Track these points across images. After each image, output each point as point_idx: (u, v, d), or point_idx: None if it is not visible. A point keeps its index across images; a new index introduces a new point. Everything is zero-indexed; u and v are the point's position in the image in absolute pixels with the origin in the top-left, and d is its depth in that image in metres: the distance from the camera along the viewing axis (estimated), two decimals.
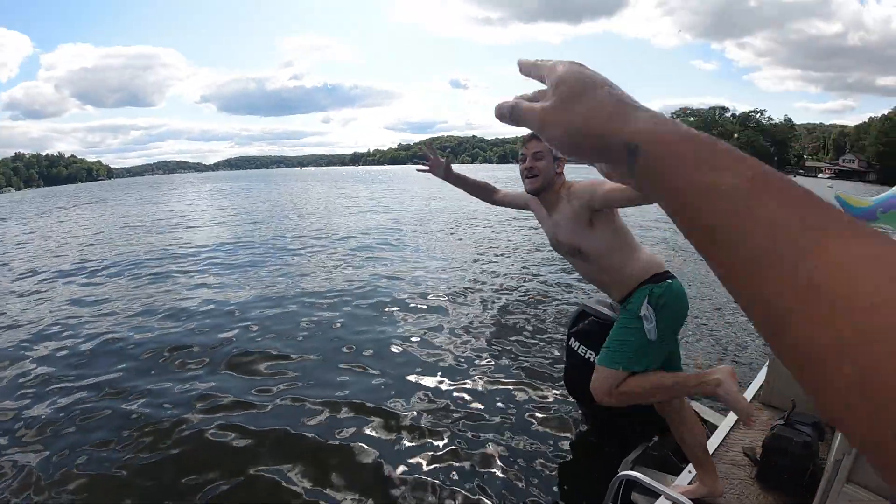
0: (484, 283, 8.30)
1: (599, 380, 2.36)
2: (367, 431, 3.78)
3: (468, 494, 3.03)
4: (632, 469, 2.58)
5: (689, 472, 2.59)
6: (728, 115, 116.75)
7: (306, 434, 3.76)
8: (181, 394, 4.48)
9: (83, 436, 3.85)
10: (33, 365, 5.29)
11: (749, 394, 3.40)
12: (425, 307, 6.87)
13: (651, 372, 2.32)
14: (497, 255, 10.67)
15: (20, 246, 15.28)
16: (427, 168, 2.88)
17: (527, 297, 7.37)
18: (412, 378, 4.67)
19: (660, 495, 2.30)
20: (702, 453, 2.46)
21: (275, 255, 11.33)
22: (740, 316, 6.41)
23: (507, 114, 0.47)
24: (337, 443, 3.65)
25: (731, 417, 3.12)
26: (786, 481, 2.52)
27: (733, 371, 2.30)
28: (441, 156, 2.90)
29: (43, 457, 3.59)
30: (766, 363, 3.61)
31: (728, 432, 2.98)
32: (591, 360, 3.04)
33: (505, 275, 8.81)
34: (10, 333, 6.41)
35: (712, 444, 2.81)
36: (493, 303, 7.12)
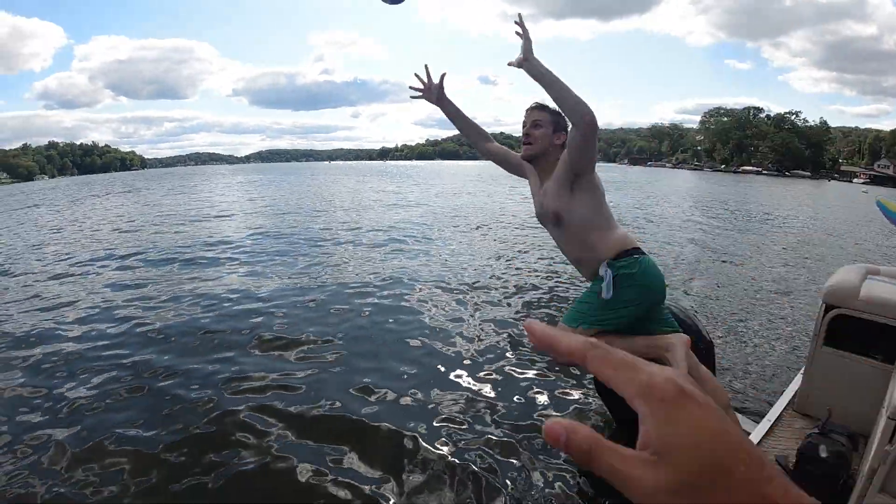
0: (509, 278, 8.26)
1: None
2: (387, 419, 3.83)
3: (491, 489, 3.03)
4: None
5: None
6: (763, 115, 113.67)
7: (329, 415, 3.88)
8: (211, 374, 4.61)
9: (114, 414, 3.97)
10: (67, 345, 5.45)
11: (783, 402, 3.32)
12: (449, 300, 6.89)
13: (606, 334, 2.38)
14: (522, 251, 10.63)
15: (56, 231, 15.79)
16: (420, 94, 2.81)
17: (552, 294, 7.32)
18: (434, 369, 4.70)
19: None
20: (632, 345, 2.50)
21: (304, 245, 11.47)
22: (772, 324, 6.28)
23: (574, 452, 0.31)
24: (361, 425, 3.74)
25: (764, 425, 3.05)
26: (818, 491, 2.45)
27: (688, 341, 2.42)
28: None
29: (73, 432, 3.70)
30: (801, 371, 3.51)
31: (760, 440, 2.91)
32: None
33: (531, 271, 8.76)
34: (45, 314, 6.62)
35: None
36: (519, 297, 7.10)
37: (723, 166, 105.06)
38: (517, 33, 2.27)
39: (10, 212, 24.35)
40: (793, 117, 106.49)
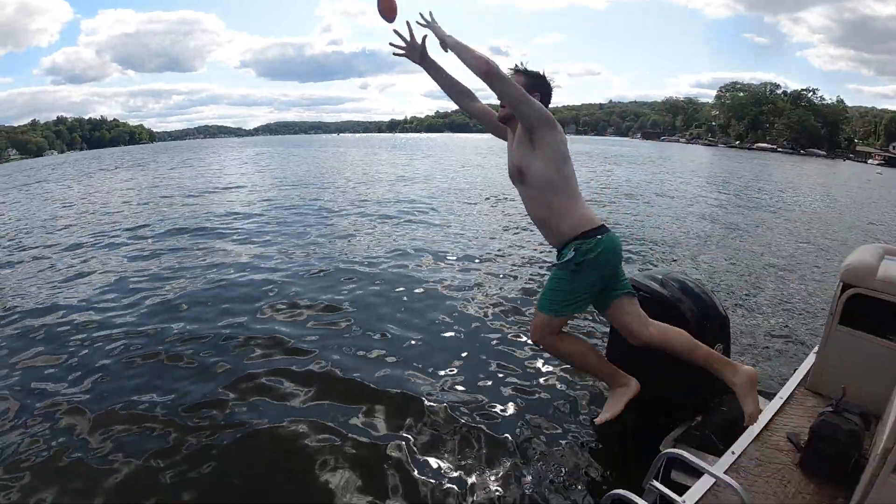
0: (514, 251, 8.31)
1: (536, 323, 2.52)
2: (393, 383, 3.94)
3: (503, 468, 3.07)
4: (674, 447, 2.55)
5: (733, 453, 2.55)
6: (779, 92, 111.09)
7: (341, 378, 4.03)
8: (226, 339, 4.76)
9: (129, 381, 4.07)
10: (82, 314, 5.55)
11: (795, 380, 3.31)
12: (456, 274, 6.92)
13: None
14: (530, 224, 10.57)
15: (68, 206, 15.90)
16: (402, 52, 2.73)
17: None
18: (441, 342, 4.76)
19: (700, 476, 2.28)
20: (597, 365, 2.69)
21: (312, 216, 11.57)
22: (784, 301, 6.24)
23: None
24: (370, 389, 3.87)
25: (776, 402, 3.04)
26: (830, 469, 2.45)
27: (755, 377, 2.58)
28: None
29: (91, 397, 3.82)
30: (814, 350, 3.48)
31: (772, 417, 2.91)
32: None
33: (539, 243, 8.75)
34: (59, 286, 6.73)
35: (755, 428, 2.74)
36: (526, 270, 7.12)
37: (737, 142, 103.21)
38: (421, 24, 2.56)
39: (20, 187, 24.51)
40: (810, 95, 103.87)
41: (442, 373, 4.15)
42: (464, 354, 4.46)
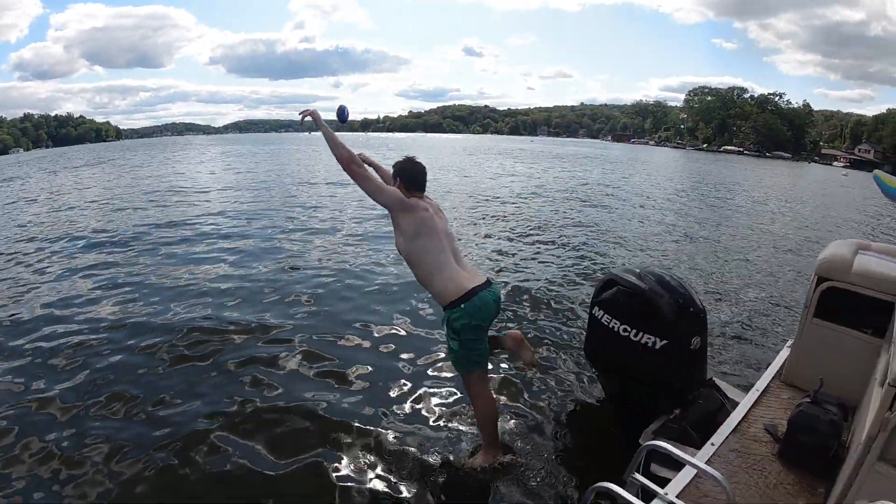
0: (509, 248, 8.30)
1: (464, 381, 2.93)
2: (380, 385, 3.90)
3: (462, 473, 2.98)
4: (652, 440, 2.51)
5: (712, 444, 2.52)
6: (746, 96, 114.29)
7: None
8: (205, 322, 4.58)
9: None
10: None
11: (770, 373, 3.32)
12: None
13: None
14: (524, 220, 10.73)
15: (32, 202, 15.29)
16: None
17: (553, 265, 7.31)
18: (423, 336, 4.74)
19: (680, 468, 2.25)
20: (492, 427, 2.94)
21: (281, 218, 11.32)
22: (759, 299, 6.34)
23: None
24: (367, 372, 3.97)
25: (752, 395, 3.04)
26: (809, 460, 2.45)
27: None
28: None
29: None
30: (788, 343, 3.51)
31: (749, 409, 2.90)
32: (616, 329, 3.00)
33: (533, 241, 8.79)
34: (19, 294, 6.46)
35: (734, 419, 2.74)
36: (517, 267, 7.14)
37: (704, 145, 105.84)
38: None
39: None
40: (776, 99, 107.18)
41: (421, 362, 4.19)
42: (435, 364, 4.33)
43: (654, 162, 44.05)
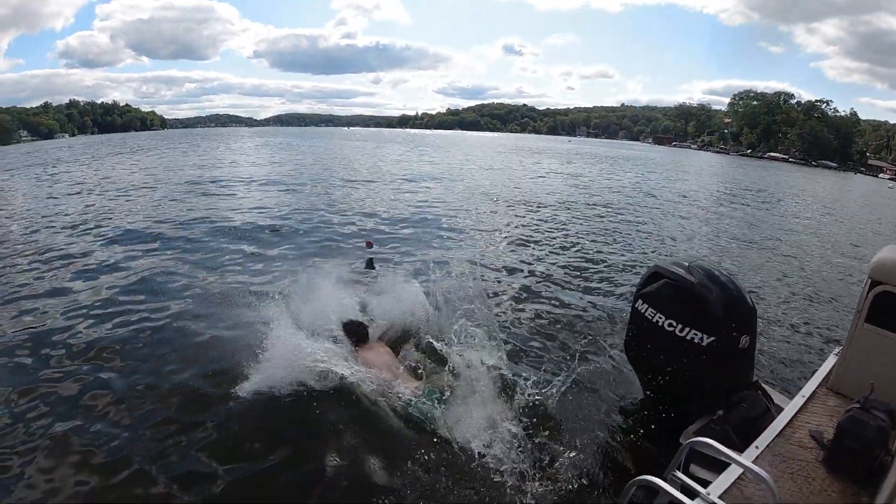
0: (547, 235, 8.36)
1: None
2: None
3: (530, 454, 3.01)
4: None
5: (756, 447, 2.47)
6: (793, 102, 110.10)
7: None
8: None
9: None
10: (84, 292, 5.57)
11: (816, 379, 3.22)
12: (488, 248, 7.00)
13: None
14: (563, 209, 10.65)
15: (80, 184, 15.95)
16: None
17: (593, 253, 7.25)
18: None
19: (720, 471, 2.21)
20: None
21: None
22: (805, 304, 6.14)
23: None
24: None
25: (798, 400, 2.96)
26: (854, 466, 2.38)
27: None
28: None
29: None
30: (835, 350, 3.40)
31: (794, 415, 2.82)
32: (660, 324, 2.90)
33: (570, 231, 8.74)
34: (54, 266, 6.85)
35: (778, 424, 2.67)
36: (557, 256, 7.19)
37: (749, 151, 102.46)
38: None
39: (34, 167, 24.62)
40: (823, 106, 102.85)
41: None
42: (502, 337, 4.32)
43: (698, 166, 42.85)
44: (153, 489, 2.83)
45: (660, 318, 2.91)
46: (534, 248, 7.90)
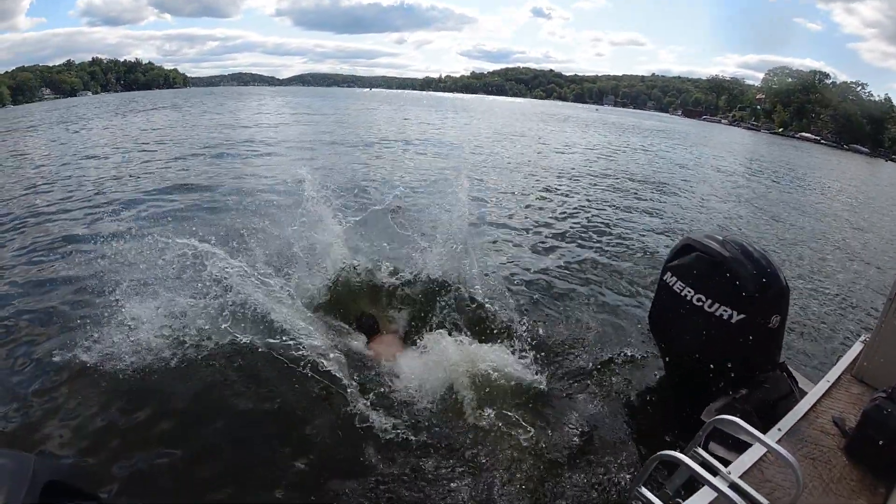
0: (572, 205, 8.32)
1: None
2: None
3: (552, 429, 3.01)
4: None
5: (779, 430, 2.43)
6: (829, 82, 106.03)
7: None
8: None
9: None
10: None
11: (841, 366, 3.15)
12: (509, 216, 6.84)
13: None
14: (590, 180, 10.55)
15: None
16: None
17: (618, 224, 7.18)
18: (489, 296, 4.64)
19: (741, 451, 2.19)
20: None
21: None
22: (834, 288, 6.02)
23: None
24: None
25: (823, 385, 2.90)
26: (876, 457, 2.33)
27: None
28: None
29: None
30: (862, 338, 3.31)
31: (819, 399, 2.77)
32: (689, 298, 2.82)
33: (596, 202, 8.65)
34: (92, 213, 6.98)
35: (802, 408, 2.62)
36: (581, 227, 7.17)
37: (780, 129, 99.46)
38: None
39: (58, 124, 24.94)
40: (858, 89, 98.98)
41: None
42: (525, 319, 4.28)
43: (729, 142, 41.74)
44: None
45: (688, 292, 2.84)
46: (558, 218, 7.85)
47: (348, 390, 3.12)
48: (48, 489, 1.11)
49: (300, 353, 3.35)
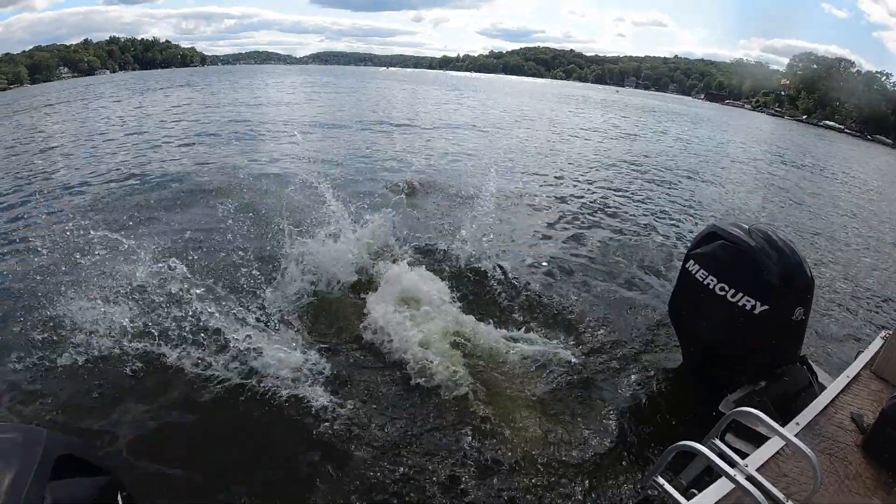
0: (593, 189, 8.26)
1: None
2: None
3: (568, 420, 3.02)
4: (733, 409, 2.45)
5: (797, 423, 2.42)
6: (853, 70, 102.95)
7: None
8: None
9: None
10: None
11: (861, 361, 3.12)
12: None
13: None
14: (610, 162, 10.60)
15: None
16: None
17: (638, 209, 7.13)
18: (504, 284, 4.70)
19: (759, 443, 2.19)
20: None
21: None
22: (856, 282, 5.92)
23: None
24: None
25: (842, 380, 2.88)
26: (894, 455, 2.32)
27: None
28: None
29: None
30: (882, 334, 3.27)
31: (837, 394, 2.75)
32: (711, 287, 2.78)
33: (618, 182, 8.72)
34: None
35: (821, 402, 2.60)
36: (600, 212, 7.11)
37: (804, 117, 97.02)
38: None
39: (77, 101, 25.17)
40: (882, 78, 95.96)
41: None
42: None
43: (753, 128, 40.76)
44: None
45: (711, 280, 2.80)
46: (576, 200, 7.81)
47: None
48: (61, 463, 1.10)
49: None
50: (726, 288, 2.76)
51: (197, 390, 3.10)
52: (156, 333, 3.42)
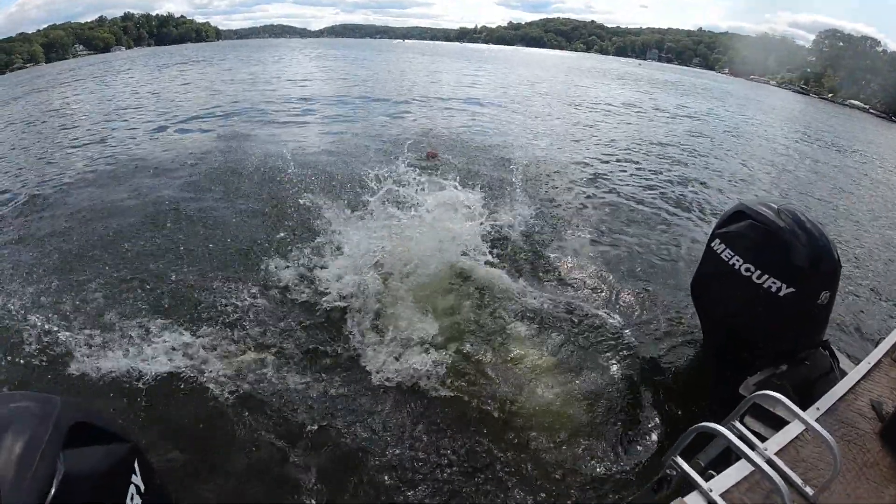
0: (615, 165, 8.16)
1: None
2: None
3: (586, 402, 3.00)
4: (754, 392, 2.42)
5: (818, 409, 2.38)
6: (879, 49, 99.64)
7: None
8: None
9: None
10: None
11: (882, 348, 3.05)
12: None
13: None
14: (636, 141, 10.45)
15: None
16: None
17: (670, 186, 6.99)
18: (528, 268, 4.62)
19: (778, 427, 2.16)
20: None
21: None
22: (884, 271, 5.79)
23: None
24: None
25: (863, 367, 2.83)
26: None
27: None
28: None
29: None
30: None
31: (858, 381, 2.70)
32: (736, 267, 2.72)
33: (640, 165, 8.56)
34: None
35: (841, 388, 2.56)
36: (624, 186, 6.99)
37: (830, 95, 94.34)
38: None
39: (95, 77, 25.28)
40: None
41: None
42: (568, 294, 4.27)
43: (779, 106, 39.57)
44: None
45: (737, 260, 2.74)
46: (599, 176, 7.73)
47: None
48: (75, 430, 1.09)
49: None
50: (752, 269, 2.71)
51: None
52: None
